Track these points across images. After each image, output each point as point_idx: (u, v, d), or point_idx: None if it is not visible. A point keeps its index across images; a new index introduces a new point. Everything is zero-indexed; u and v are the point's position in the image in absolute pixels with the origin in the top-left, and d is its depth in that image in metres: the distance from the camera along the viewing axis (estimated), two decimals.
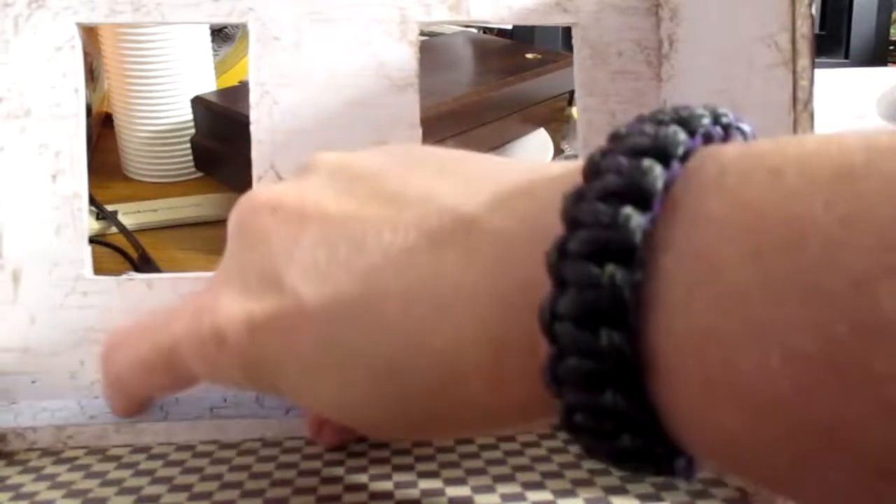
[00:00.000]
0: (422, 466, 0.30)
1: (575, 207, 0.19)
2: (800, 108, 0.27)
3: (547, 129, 0.72)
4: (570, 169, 0.21)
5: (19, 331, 0.35)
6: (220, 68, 0.71)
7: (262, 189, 0.26)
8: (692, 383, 0.17)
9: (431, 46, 0.77)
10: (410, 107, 0.37)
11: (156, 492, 0.29)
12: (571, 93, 0.75)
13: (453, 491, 0.29)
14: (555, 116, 0.73)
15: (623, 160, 0.19)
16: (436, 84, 0.64)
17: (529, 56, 0.72)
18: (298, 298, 0.23)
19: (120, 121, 0.68)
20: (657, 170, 0.18)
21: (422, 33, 0.37)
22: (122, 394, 0.31)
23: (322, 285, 0.23)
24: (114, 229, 0.58)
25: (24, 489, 0.30)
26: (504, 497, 0.28)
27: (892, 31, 0.80)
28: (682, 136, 0.19)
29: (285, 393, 0.25)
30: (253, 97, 0.36)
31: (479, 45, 0.78)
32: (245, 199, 0.26)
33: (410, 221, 0.23)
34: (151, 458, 0.32)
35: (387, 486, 0.29)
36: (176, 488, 0.29)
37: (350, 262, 0.23)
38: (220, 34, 0.76)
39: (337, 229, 0.24)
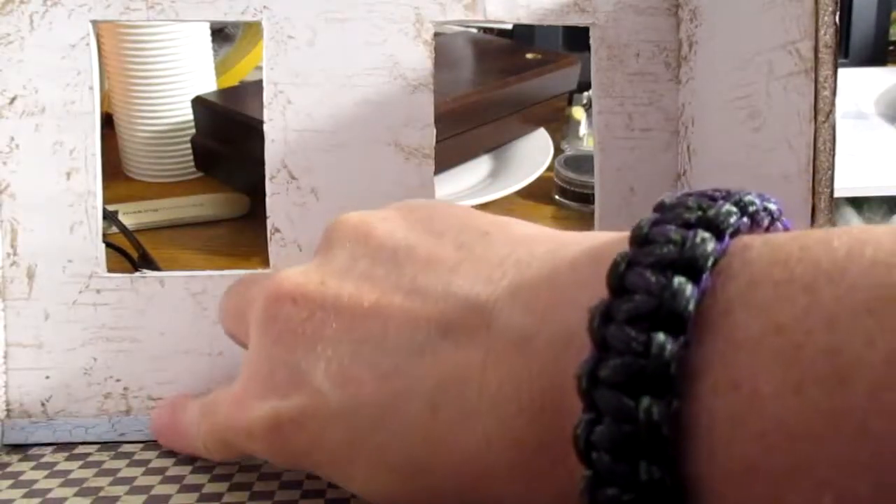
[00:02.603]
0: None
1: (604, 328, 0.18)
2: (821, 119, 0.27)
3: (547, 129, 0.72)
4: (595, 256, 0.21)
5: (34, 327, 0.35)
6: (221, 68, 0.71)
7: (286, 276, 0.26)
8: None
9: None
10: (424, 107, 0.37)
11: (166, 491, 0.29)
12: (571, 93, 0.75)
13: None
14: (555, 116, 0.74)
15: (651, 277, 0.18)
16: (436, 84, 0.64)
17: (529, 56, 0.72)
18: (323, 398, 0.23)
19: (120, 121, 0.67)
20: (688, 290, 0.17)
21: None
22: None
23: (345, 385, 0.23)
24: (114, 229, 0.58)
25: (37, 486, 0.30)
26: None
27: (892, 30, 0.81)
28: (711, 245, 0.18)
29: (322, 476, 0.26)
30: (266, 96, 0.36)
31: (480, 45, 0.78)
32: (269, 288, 0.26)
33: (431, 316, 0.22)
34: (162, 455, 0.32)
35: None
36: (186, 488, 0.29)
37: (373, 361, 0.23)
38: (221, 34, 0.76)
39: (359, 325, 0.24)
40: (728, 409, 0.17)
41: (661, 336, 0.17)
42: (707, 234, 0.18)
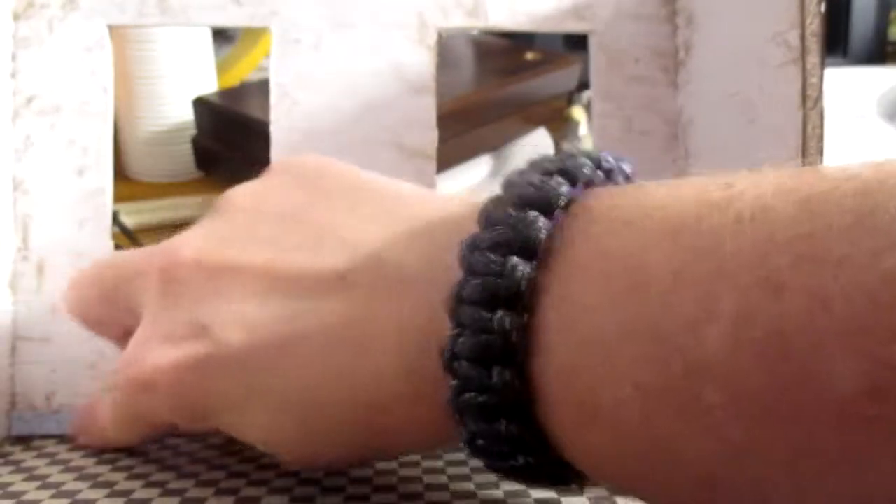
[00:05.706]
0: (427, 463, 0.31)
1: (470, 256, 0.21)
2: (809, 106, 0.28)
3: (547, 129, 0.72)
4: (467, 210, 0.23)
5: (42, 321, 0.36)
6: (221, 69, 0.71)
7: (185, 243, 0.27)
8: (567, 411, 0.20)
9: None
10: (427, 109, 0.37)
11: (165, 478, 0.30)
12: (571, 93, 0.75)
13: (456, 486, 0.29)
14: (555, 116, 0.74)
15: (511, 212, 0.21)
16: (436, 84, 0.64)
17: (529, 56, 0.72)
18: (222, 345, 0.25)
19: (121, 121, 0.67)
20: (540, 221, 0.20)
21: None
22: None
23: (243, 331, 0.25)
24: (115, 229, 0.58)
25: (38, 472, 0.30)
26: (507, 494, 0.28)
27: (891, 30, 0.81)
28: (564, 187, 0.21)
29: (220, 427, 0.27)
30: (273, 98, 0.37)
31: (479, 45, 0.79)
32: (169, 252, 0.27)
33: (326, 267, 0.24)
34: (162, 448, 0.33)
35: (390, 481, 0.29)
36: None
37: (272, 310, 0.24)
38: (221, 35, 0.76)
39: (258, 279, 0.25)
40: (560, 320, 0.20)
41: (514, 259, 0.20)
42: (562, 180, 0.21)
